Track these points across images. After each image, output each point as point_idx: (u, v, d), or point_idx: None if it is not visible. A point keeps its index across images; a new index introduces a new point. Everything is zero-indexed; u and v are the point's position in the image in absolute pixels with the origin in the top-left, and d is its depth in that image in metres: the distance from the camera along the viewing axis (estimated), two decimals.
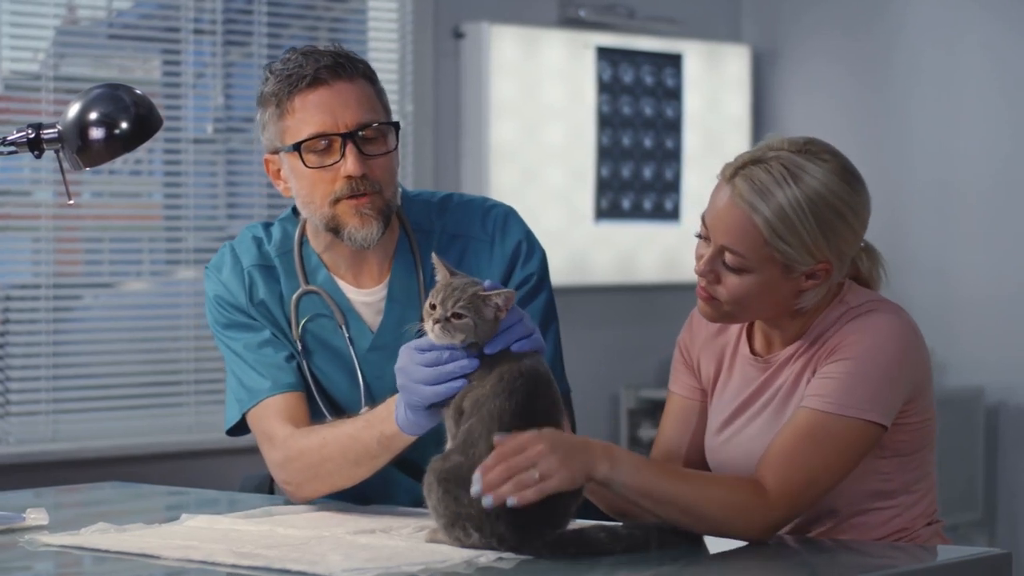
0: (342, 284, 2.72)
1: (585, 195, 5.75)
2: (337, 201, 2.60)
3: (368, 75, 2.64)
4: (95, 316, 4.92)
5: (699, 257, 2.36)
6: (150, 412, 4.90)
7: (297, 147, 2.59)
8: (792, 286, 2.34)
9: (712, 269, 2.33)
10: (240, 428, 2.73)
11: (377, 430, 2.45)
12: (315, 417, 2.67)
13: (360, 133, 2.59)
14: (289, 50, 2.66)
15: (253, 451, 2.73)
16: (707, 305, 2.38)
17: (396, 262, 2.71)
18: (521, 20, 5.62)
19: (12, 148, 2.46)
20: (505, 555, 2.12)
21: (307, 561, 2.09)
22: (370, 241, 2.62)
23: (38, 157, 2.45)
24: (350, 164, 2.58)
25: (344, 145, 2.58)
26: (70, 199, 2.51)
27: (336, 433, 2.53)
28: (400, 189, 2.70)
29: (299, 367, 2.69)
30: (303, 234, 2.74)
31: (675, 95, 5.97)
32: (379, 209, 2.61)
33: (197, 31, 5.00)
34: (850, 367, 2.28)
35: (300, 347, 2.69)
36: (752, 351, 2.47)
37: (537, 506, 2.13)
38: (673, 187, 5.93)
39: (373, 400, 2.62)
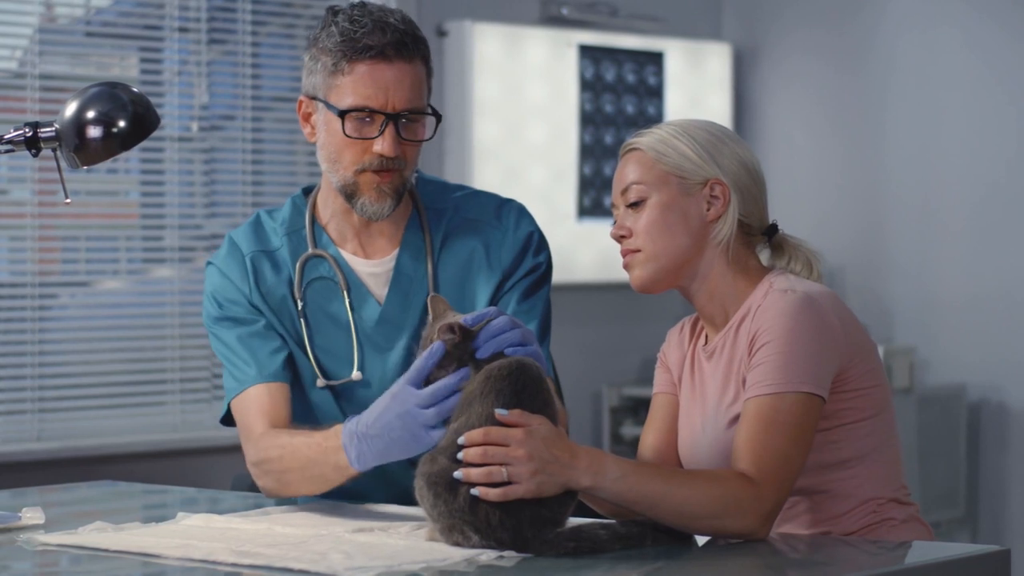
0: (348, 256, 2.75)
1: (567, 193, 5.76)
2: (362, 171, 2.65)
3: (426, 57, 2.70)
4: (80, 315, 4.90)
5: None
6: (136, 411, 4.89)
7: (342, 112, 2.62)
8: (696, 209, 2.44)
9: (623, 224, 2.46)
10: (231, 418, 2.75)
11: (332, 460, 2.45)
12: (306, 380, 2.71)
13: (403, 117, 2.63)
14: (359, 5, 2.68)
15: (239, 449, 2.73)
16: (631, 263, 2.47)
17: (407, 235, 2.75)
18: (504, 18, 5.62)
19: (9, 147, 2.45)
20: (506, 553, 2.13)
21: (308, 560, 2.09)
22: (380, 215, 2.68)
23: (35, 156, 2.45)
24: (387, 144, 2.63)
25: (385, 124, 2.62)
26: (67, 198, 2.50)
27: (297, 445, 2.53)
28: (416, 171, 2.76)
29: (288, 358, 2.70)
30: (314, 210, 2.77)
31: (657, 93, 5.98)
32: (396, 187, 2.67)
33: (181, 29, 4.99)
34: (773, 348, 2.33)
35: (301, 305, 2.71)
36: (706, 343, 2.52)
37: (532, 508, 2.14)
38: None
39: (364, 367, 2.68)
